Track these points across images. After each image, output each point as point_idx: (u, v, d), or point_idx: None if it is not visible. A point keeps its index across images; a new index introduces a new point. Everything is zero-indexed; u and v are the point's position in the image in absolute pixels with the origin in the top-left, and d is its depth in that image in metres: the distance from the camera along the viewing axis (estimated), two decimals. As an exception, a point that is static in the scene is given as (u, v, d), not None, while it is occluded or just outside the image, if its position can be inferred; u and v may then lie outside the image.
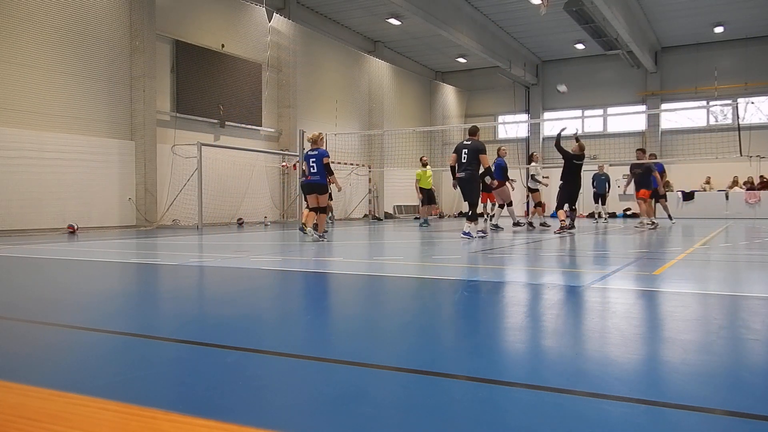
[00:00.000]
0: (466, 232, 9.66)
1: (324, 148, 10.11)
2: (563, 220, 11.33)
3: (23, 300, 3.99)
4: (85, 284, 4.98)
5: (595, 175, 17.04)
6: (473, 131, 10.17)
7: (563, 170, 11.60)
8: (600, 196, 17.08)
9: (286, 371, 2.26)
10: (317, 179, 9.41)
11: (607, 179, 17.06)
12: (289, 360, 2.38)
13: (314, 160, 9.39)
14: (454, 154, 9.85)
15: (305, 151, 9.77)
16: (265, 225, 16.02)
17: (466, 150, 9.69)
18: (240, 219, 16.36)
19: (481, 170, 9.73)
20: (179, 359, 2.44)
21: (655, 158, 14.78)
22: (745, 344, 2.64)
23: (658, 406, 1.79)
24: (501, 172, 12.99)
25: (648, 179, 13.04)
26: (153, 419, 1.65)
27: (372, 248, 8.90)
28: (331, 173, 9.47)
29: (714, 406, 1.78)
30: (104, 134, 13.80)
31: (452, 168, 9.97)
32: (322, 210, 9.56)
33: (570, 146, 11.70)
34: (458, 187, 10.00)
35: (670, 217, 14.73)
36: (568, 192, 11.53)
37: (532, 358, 2.46)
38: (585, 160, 11.76)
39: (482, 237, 10.01)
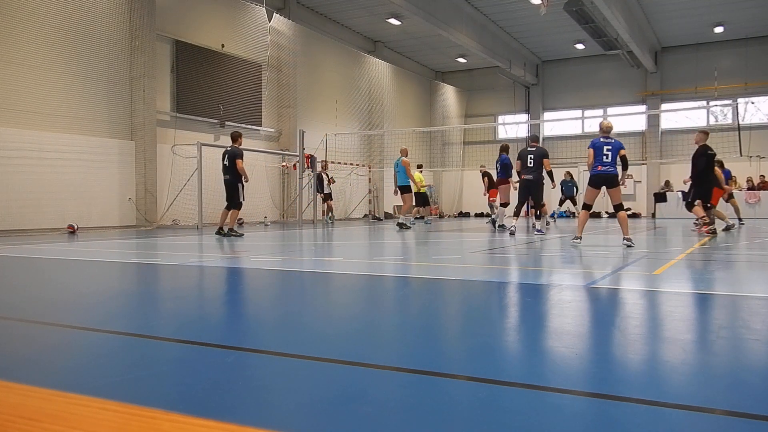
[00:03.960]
0: (539, 229, 11.14)
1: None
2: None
3: (23, 300, 3.99)
4: (85, 284, 4.98)
5: (562, 181, 18.42)
6: (535, 138, 11.57)
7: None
8: (569, 197, 18.68)
9: (286, 371, 2.26)
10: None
11: (575, 184, 18.76)
12: (289, 360, 2.38)
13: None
14: (519, 161, 10.94)
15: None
16: (265, 225, 16.01)
17: (532, 156, 10.80)
18: (240, 219, 16.34)
19: (544, 172, 10.89)
20: (179, 359, 2.44)
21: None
22: (745, 344, 2.64)
23: (658, 406, 1.79)
24: (505, 171, 13.11)
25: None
26: (153, 419, 1.65)
27: (372, 248, 8.90)
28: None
29: (714, 406, 1.78)
30: (104, 134, 13.80)
31: (518, 172, 11.14)
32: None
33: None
34: (522, 188, 11.13)
35: (738, 219, 13.76)
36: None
37: (532, 358, 2.46)
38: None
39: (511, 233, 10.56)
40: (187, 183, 14.35)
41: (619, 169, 8.30)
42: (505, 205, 13.12)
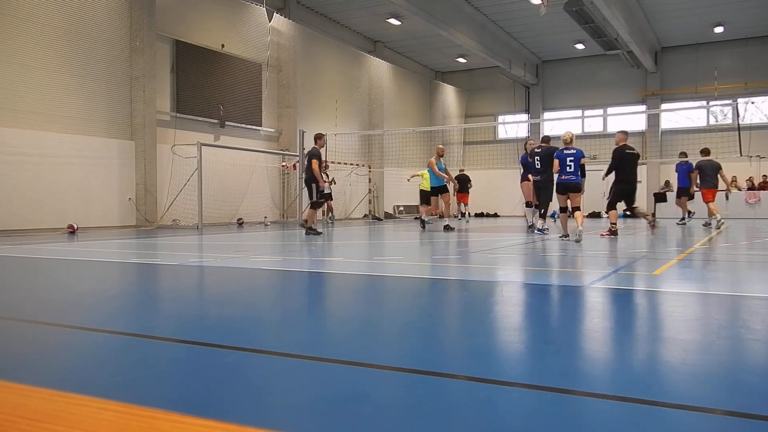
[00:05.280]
0: (539, 228, 11.02)
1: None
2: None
3: (23, 300, 3.99)
4: (85, 284, 4.98)
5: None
6: (547, 139, 11.58)
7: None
8: None
9: (286, 371, 2.26)
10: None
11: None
12: (289, 360, 2.38)
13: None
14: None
15: None
16: (265, 225, 16.01)
17: (539, 156, 11.02)
18: (240, 219, 16.36)
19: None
20: (179, 359, 2.44)
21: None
22: (745, 344, 2.64)
23: (658, 406, 1.79)
24: (526, 170, 12.50)
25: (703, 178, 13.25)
26: (153, 419, 1.65)
27: (372, 248, 8.90)
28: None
29: (714, 406, 1.78)
30: (104, 134, 13.80)
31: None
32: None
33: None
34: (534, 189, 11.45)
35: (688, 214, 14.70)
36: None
37: (531, 358, 2.46)
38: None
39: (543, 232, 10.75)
40: (187, 183, 14.35)
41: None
42: (529, 204, 12.77)
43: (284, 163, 18.59)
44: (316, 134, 11.02)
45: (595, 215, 22.36)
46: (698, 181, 13.54)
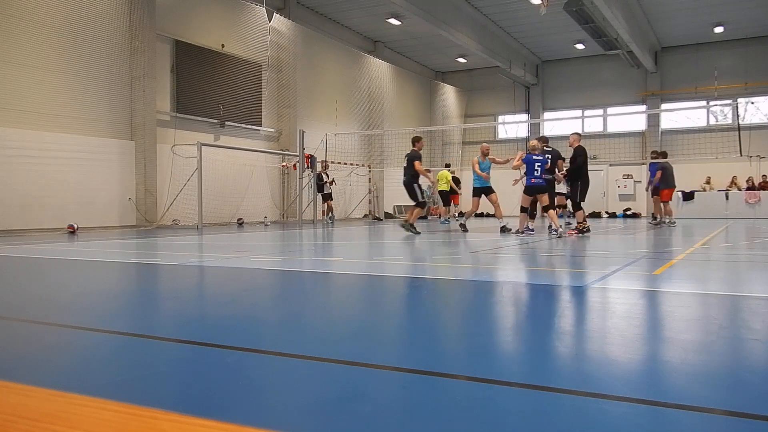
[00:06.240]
0: (530, 228, 10.97)
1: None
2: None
3: (23, 300, 3.99)
4: (85, 284, 4.98)
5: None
6: (545, 140, 11.74)
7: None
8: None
9: (286, 371, 2.26)
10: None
11: None
12: (289, 360, 2.38)
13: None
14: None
15: None
16: (265, 225, 16.01)
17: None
18: (240, 219, 16.36)
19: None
20: (179, 359, 2.44)
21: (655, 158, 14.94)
22: (745, 344, 2.64)
23: (658, 406, 1.79)
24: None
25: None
26: (153, 419, 1.65)
27: (372, 248, 8.90)
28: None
29: (714, 406, 1.78)
30: (104, 134, 13.80)
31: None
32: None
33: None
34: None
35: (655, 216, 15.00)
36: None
37: (531, 358, 2.46)
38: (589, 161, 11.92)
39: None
40: (187, 183, 14.35)
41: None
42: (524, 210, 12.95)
43: (284, 163, 18.59)
44: (414, 137, 11.34)
45: (595, 215, 22.36)
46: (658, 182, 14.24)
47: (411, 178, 11.00)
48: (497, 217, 12.08)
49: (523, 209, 10.53)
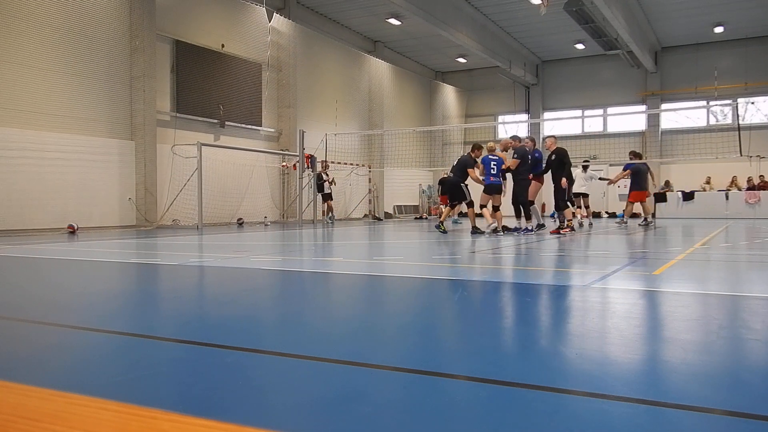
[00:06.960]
0: (527, 228, 11.17)
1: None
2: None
3: (23, 300, 3.99)
4: (85, 284, 4.98)
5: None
6: (493, 149, 11.68)
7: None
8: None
9: (286, 371, 2.26)
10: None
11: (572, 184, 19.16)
12: (289, 360, 2.38)
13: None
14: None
15: None
16: (265, 225, 16.01)
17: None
18: (240, 219, 16.36)
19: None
20: (179, 359, 2.44)
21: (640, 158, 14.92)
22: (745, 344, 2.64)
23: (658, 406, 1.79)
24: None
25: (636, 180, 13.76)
26: (153, 419, 1.64)
27: (372, 248, 8.90)
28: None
29: (714, 406, 1.78)
30: (104, 134, 13.80)
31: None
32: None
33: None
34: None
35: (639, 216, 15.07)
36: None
37: (532, 358, 2.46)
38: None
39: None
40: (187, 183, 14.35)
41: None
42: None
43: (284, 163, 18.59)
44: (475, 144, 11.41)
45: (595, 215, 22.35)
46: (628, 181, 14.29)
47: (457, 181, 11.26)
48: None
49: (482, 207, 10.84)
